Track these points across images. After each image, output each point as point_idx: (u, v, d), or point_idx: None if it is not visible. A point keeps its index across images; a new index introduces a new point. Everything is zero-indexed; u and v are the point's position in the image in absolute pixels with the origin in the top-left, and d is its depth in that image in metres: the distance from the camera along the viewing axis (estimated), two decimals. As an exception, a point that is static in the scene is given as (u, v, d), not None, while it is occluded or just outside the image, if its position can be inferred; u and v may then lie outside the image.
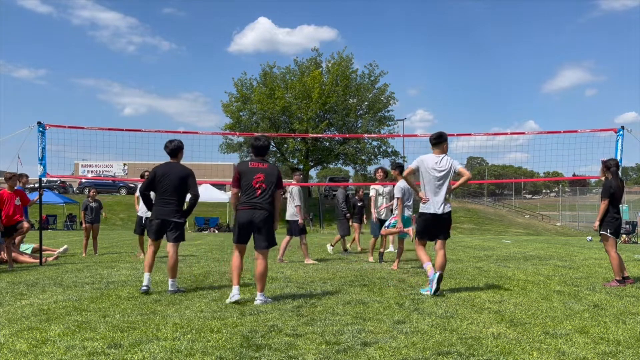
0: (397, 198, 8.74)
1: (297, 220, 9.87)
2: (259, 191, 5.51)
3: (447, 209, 6.18)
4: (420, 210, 6.25)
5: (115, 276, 7.59)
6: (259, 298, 5.47)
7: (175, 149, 6.38)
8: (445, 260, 6.18)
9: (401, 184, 8.66)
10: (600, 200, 7.14)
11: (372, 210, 10.21)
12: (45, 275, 7.79)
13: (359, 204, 13.06)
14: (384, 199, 10.28)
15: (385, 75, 38.37)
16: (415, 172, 6.29)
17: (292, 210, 9.96)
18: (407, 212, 8.93)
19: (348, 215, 12.38)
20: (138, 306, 5.25)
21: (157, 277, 7.45)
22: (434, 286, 5.91)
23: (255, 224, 5.50)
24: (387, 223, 9.41)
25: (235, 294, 5.43)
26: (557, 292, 6.20)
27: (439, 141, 6.27)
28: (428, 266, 6.14)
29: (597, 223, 7.08)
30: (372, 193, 10.33)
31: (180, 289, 6.27)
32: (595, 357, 3.54)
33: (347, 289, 6.38)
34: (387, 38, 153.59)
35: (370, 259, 10.16)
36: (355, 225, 12.98)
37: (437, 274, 5.95)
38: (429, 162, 6.20)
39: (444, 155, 6.23)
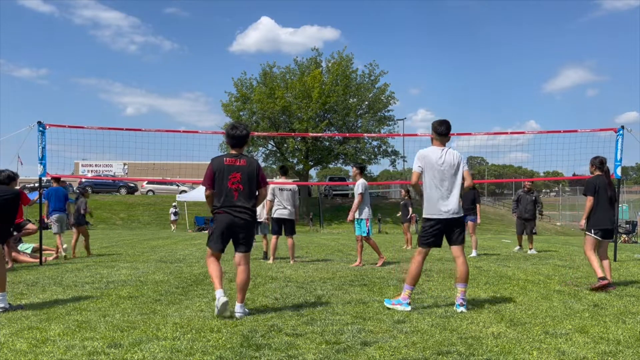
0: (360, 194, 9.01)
1: (294, 220, 9.86)
2: (236, 194, 4.83)
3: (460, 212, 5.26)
4: (427, 215, 5.27)
5: (115, 276, 7.59)
6: (238, 310, 4.79)
7: None
8: (467, 268, 5.28)
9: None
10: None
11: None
12: (45, 274, 7.79)
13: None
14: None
15: (385, 75, 38.37)
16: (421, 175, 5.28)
17: (291, 209, 9.76)
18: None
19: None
20: (138, 306, 5.25)
21: (158, 277, 7.45)
22: (398, 307, 5.09)
23: (236, 230, 4.88)
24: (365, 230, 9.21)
25: (221, 295, 4.69)
26: (557, 292, 6.20)
27: (448, 131, 5.36)
28: (409, 291, 5.20)
29: (582, 221, 6.85)
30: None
31: (13, 306, 5.19)
32: (595, 356, 3.54)
33: (347, 289, 6.38)
34: (390, 38, 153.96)
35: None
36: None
37: (409, 307, 5.10)
38: (433, 157, 5.24)
39: (447, 148, 5.34)
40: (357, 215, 9.23)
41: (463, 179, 5.27)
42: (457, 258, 5.30)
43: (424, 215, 5.32)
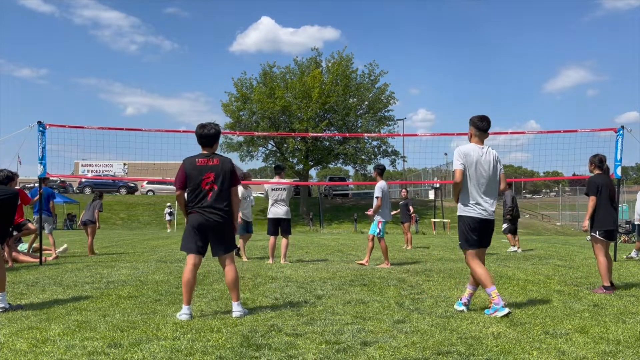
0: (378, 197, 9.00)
1: (290, 219, 9.81)
2: (210, 194, 4.76)
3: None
4: (464, 214, 5.13)
5: (115, 276, 7.59)
6: (236, 309, 4.80)
7: None
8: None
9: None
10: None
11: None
12: (45, 274, 7.79)
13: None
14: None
15: (385, 75, 38.40)
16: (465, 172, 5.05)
17: (287, 209, 9.69)
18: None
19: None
20: (138, 306, 5.25)
21: (158, 277, 7.45)
22: (501, 313, 4.71)
23: (210, 231, 4.80)
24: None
25: (184, 313, 4.67)
26: (557, 292, 6.20)
27: (488, 127, 5.14)
28: (494, 292, 4.83)
29: (586, 222, 6.62)
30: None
31: (13, 306, 5.19)
32: (595, 356, 3.54)
33: (347, 289, 6.38)
34: (390, 38, 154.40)
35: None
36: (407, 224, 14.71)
37: (506, 310, 4.72)
38: (474, 155, 5.05)
39: (487, 147, 5.20)
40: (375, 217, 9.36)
41: (499, 181, 5.20)
42: None
43: (459, 214, 5.19)
